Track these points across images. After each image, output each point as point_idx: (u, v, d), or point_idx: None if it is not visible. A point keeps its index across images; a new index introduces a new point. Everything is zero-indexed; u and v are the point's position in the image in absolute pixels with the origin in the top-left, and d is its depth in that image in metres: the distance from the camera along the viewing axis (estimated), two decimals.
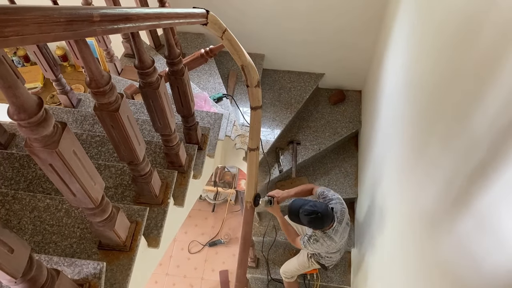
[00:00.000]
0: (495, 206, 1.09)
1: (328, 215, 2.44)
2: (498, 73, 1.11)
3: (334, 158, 3.83)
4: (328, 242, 2.56)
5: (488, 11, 1.21)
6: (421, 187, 1.77)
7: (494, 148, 1.11)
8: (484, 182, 1.15)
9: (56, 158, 0.90)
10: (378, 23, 3.16)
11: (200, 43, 3.64)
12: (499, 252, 1.04)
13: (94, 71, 1.07)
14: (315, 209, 2.39)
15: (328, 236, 2.55)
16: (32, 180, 1.67)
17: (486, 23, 1.23)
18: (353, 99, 4.00)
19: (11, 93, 0.77)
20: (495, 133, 1.11)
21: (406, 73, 2.21)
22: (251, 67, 2.11)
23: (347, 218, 2.68)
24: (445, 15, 1.63)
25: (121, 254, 1.36)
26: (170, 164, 1.86)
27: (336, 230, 2.55)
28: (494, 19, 1.17)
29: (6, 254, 0.77)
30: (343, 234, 2.63)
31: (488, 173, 1.13)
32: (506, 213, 1.01)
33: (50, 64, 2.21)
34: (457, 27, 1.49)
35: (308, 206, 2.41)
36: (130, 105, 2.43)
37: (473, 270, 1.19)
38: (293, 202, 2.59)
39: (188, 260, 4.99)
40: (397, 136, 2.27)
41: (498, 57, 1.11)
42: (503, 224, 1.03)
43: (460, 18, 1.46)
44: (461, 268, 1.29)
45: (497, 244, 1.06)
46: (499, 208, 1.06)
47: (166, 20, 1.41)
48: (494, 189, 1.09)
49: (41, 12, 0.78)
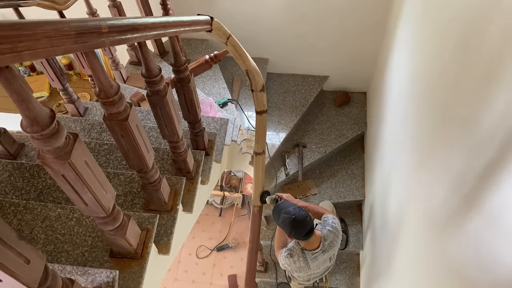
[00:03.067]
0: (506, 206, 1.08)
1: (303, 224, 2.26)
2: (505, 71, 1.11)
3: (340, 160, 3.83)
4: (302, 263, 2.43)
5: (494, 11, 1.21)
6: (430, 187, 1.76)
7: (504, 147, 1.10)
8: (494, 181, 1.14)
9: (68, 168, 0.91)
10: (382, 25, 3.16)
11: (204, 49, 3.65)
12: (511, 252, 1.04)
13: (103, 82, 1.08)
14: (293, 213, 2.27)
15: (305, 257, 2.41)
16: (43, 189, 1.69)
17: (493, 22, 1.23)
18: (358, 101, 4.00)
19: (24, 106, 0.79)
20: (504, 132, 1.11)
21: (413, 73, 2.20)
22: (255, 72, 2.12)
23: (333, 254, 2.53)
24: (452, 14, 1.63)
25: (133, 261, 1.37)
26: (178, 170, 1.87)
27: (316, 257, 2.41)
28: (500, 18, 1.17)
29: (22, 265, 0.79)
30: (320, 265, 2.50)
31: (498, 172, 1.12)
32: None
33: (57, 73, 2.23)
34: (464, 26, 1.49)
35: (291, 209, 2.31)
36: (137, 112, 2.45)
37: (486, 271, 1.19)
38: (283, 202, 2.49)
39: (196, 265, 5.00)
40: (405, 136, 2.26)
41: (507, 55, 1.11)
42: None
43: (467, 17, 1.46)
44: (473, 269, 1.28)
45: (509, 245, 1.06)
46: (510, 208, 1.05)
47: (172, 28, 1.43)
48: (504, 188, 1.09)
49: (51, 26, 0.79)
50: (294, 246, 2.45)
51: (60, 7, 2.13)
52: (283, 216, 2.29)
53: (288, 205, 2.37)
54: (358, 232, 3.64)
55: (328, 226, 2.49)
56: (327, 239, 2.43)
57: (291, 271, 2.56)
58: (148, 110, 2.52)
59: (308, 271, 2.48)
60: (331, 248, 2.46)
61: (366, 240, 3.42)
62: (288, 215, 2.26)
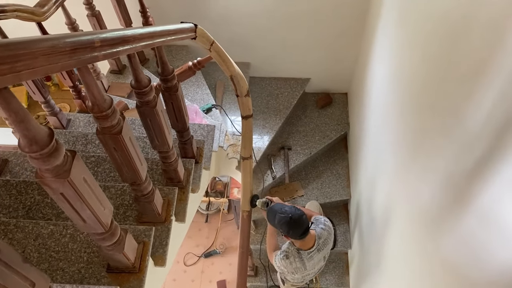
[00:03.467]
0: (498, 203, 1.10)
1: (299, 223, 2.28)
2: (490, 68, 1.13)
3: (325, 161, 3.87)
4: (298, 264, 2.43)
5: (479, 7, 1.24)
6: (419, 185, 1.78)
7: (492, 144, 1.12)
8: (485, 178, 1.16)
9: (67, 187, 0.90)
10: (361, 25, 3.21)
11: (184, 55, 3.64)
12: (504, 249, 1.05)
13: (96, 96, 1.07)
14: (290, 212, 2.30)
15: (301, 258, 2.42)
16: (31, 206, 1.65)
17: (476, 18, 1.24)
18: (339, 101, 4.06)
19: (23, 126, 0.77)
20: (491, 129, 1.12)
21: (395, 72, 2.23)
22: (240, 77, 2.12)
23: (326, 252, 2.56)
24: (433, 10, 1.65)
25: (131, 276, 1.35)
26: (168, 180, 1.86)
27: (311, 256, 2.43)
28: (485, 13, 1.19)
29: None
30: (316, 265, 2.52)
31: (488, 170, 1.14)
32: (510, 209, 1.03)
33: (38, 86, 2.18)
34: (445, 22, 1.51)
35: (287, 208, 2.34)
36: None
37: (478, 267, 1.20)
38: (277, 204, 2.50)
39: (184, 273, 4.96)
40: (390, 135, 2.29)
41: (491, 51, 1.13)
42: (508, 221, 1.04)
43: (450, 12, 1.47)
44: (465, 265, 1.30)
45: (502, 241, 1.07)
46: (502, 204, 1.07)
47: (159, 38, 1.41)
48: (495, 186, 1.10)
49: (47, 43, 0.78)
50: (290, 247, 2.46)
51: (39, 19, 2.08)
52: (280, 216, 2.30)
53: (283, 206, 2.40)
54: (346, 231, 3.68)
55: (321, 224, 2.53)
56: (321, 237, 2.46)
57: (286, 273, 2.56)
58: (132, 120, 2.50)
59: (304, 272, 2.49)
60: (325, 246, 2.49)
61: (354, 239, 3.45)
62: (285, 214, 2.28)
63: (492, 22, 1.14)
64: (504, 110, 1.05)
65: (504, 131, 1.06)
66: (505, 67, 1.05)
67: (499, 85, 1.09)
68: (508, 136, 1.03)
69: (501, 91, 1.07)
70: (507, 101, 1.04)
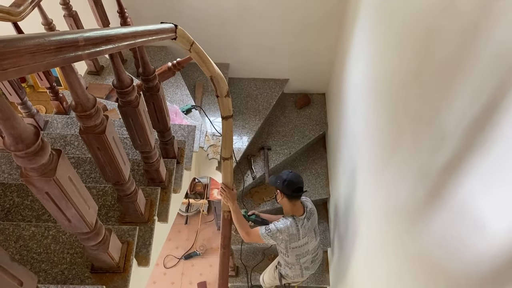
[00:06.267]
0: (472, 197, 1.15)
1: (297, 179, 2.55)
2: (463, 69, 1.18)
3: (304, 160, 3.91)
4: (294, 230, 2.54)
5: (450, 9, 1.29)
6: (395, 183, 1.83)
7: (465, 142, 1.17)
8: (459, 175, 1.21)
9: (53, 185, 0.89)
10: (337, 25, 3.27)
11: (163, 56, 3.62)
12: (479, 240, 1.10)
13: (80, 95, 1.07)
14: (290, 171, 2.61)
15: (296, 224, 2.55)
16: (10, 208, 1.62)
17: (449, 20, 1.29)
18: (318, 102, 4.11)
19: (9, 125, 0.77)
20: (464, 127, 1.17)
21: (371, 73, 2.28)
22: (220, 78, 2.14)
23: (315, 224, 2.75)
24: (408, 13, 1.70)
25: (115, 276, 1.34)
26: (150, 180, 1.85)
27: (303, 224, 2.59)
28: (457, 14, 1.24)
29: (16, 287, 0.76)
30: (307, 234, 2.65)
31: (461, 166, 1.19)
32: (484, 202, 1.08)
33: (14, 87, 2.14)
34: (420, 24, 1.55)
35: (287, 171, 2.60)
36: None
37: (455, 259, 1.24)
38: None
39: (164, 275, 4.92)
40: (367, 134, 2.34)
41: (464, 53, 1.18)
42: (482, 214, 1.09)
43: (423, 15, 1.52)
44: (443, 259, 1.34)
45: (477, 233, 1.11)
46: (476, 198, 1.12)
47: (141, 38, 1.41)
48: (469, 181, 1.16)
49: (33, 41, 0.78)
50: (285, 216, 2.64)
51: (15, 19, 2.05)
52: (281, 173, 2.60)
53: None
54: (325, 230, 3.72)
55: (303, 198, 2.74)
56: (307, 205, 2.69)
57: (279, 243, 2.64)
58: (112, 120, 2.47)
59: (298, 242, 2.63)
60: (312, 215, 2.69)
61: (333, 237, 3.50)
62: (286, 171, 2.61)
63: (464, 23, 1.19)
64: (476, 110, 1.10)
65: (475, 129, 1.11)
66: (478, 67, 1.10)
67: (472, 85, 1.14)
68: (479, 134, 1.09)
69: (474, 92, 1.12)
70: (479, 101, 1.09)
